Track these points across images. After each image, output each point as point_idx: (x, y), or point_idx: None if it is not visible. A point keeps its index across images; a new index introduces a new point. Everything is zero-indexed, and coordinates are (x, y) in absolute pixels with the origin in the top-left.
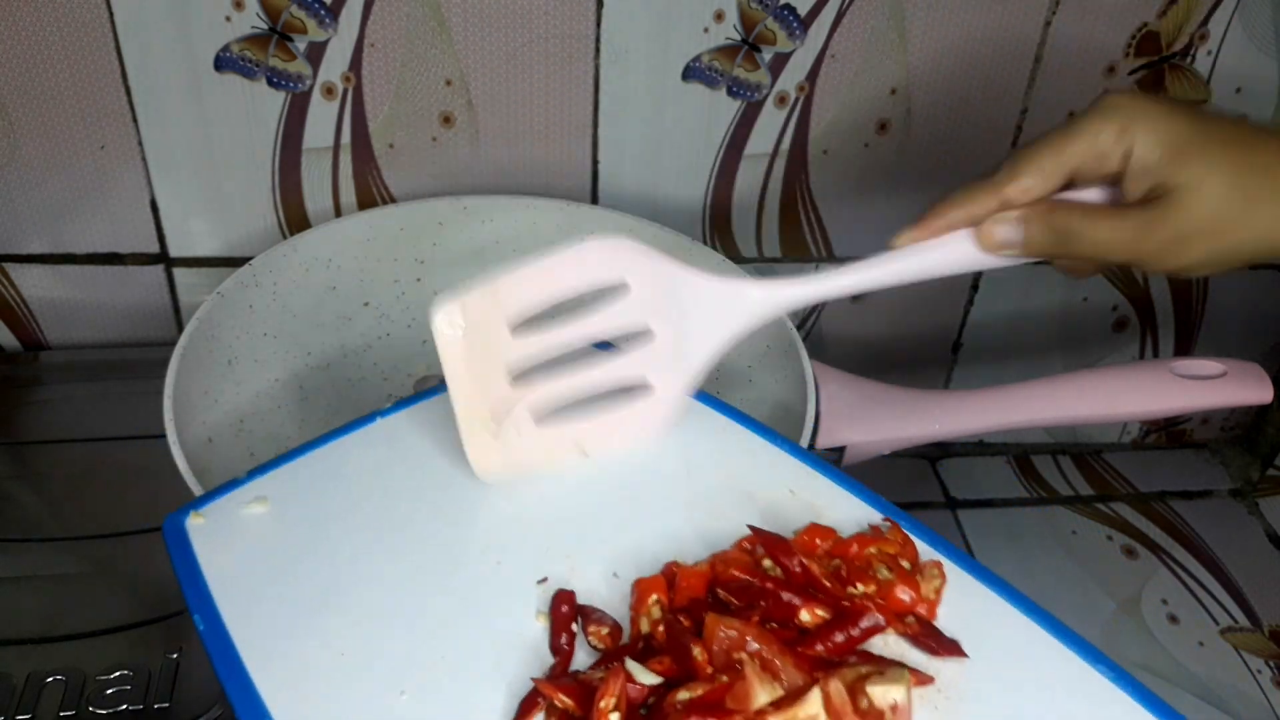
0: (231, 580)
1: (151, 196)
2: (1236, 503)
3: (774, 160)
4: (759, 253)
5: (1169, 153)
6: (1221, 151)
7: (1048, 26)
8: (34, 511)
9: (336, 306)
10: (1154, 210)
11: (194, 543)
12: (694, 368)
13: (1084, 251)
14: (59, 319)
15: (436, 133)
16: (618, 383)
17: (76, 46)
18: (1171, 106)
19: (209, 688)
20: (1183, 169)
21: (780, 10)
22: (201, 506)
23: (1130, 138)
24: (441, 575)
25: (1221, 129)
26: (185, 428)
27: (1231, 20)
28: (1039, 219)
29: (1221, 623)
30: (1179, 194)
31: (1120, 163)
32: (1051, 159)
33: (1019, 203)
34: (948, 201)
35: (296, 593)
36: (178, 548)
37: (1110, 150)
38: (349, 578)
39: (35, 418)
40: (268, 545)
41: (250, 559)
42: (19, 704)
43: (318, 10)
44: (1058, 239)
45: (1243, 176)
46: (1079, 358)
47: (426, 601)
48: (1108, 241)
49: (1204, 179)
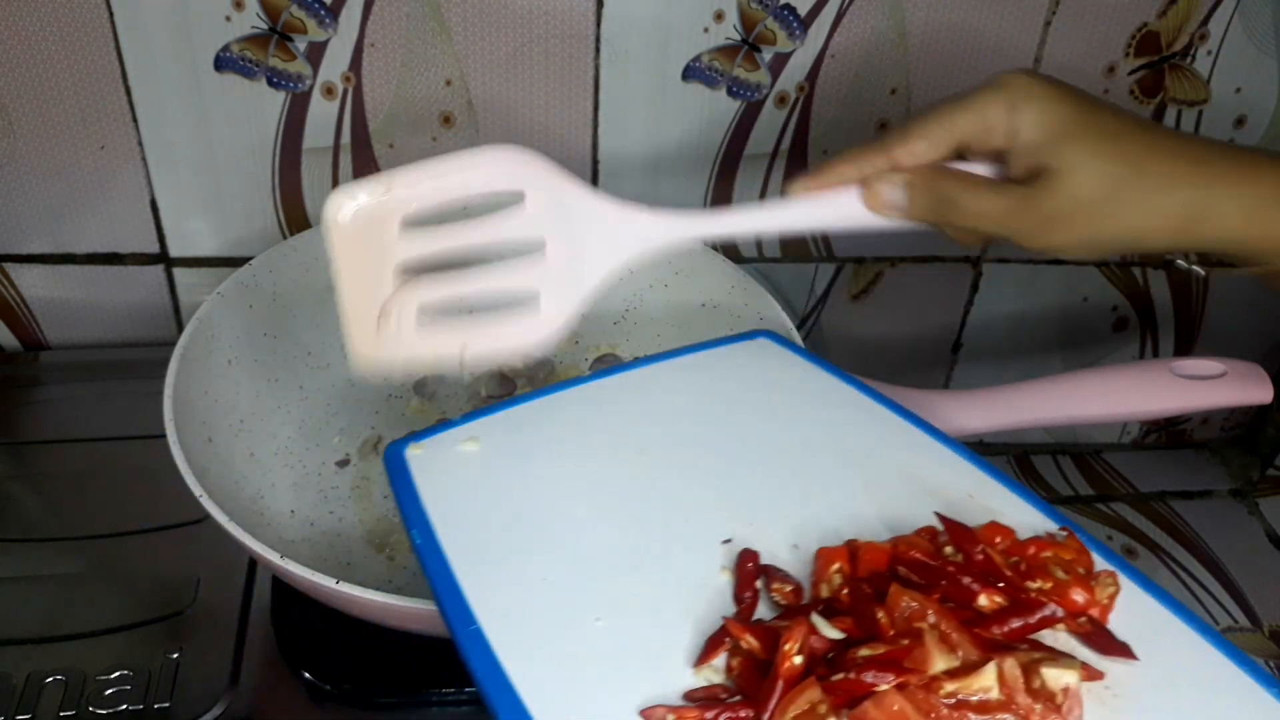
0: (444, 503)
1: (151, 196)
2: (1236, 503)
3: (774, 160)
4: (759, 253)
5: (1050, 135)
6: (1099, 140)
7: (1048, 27)
8: (34, 511)
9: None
10: (1030, 189)
11: (412, 469)
12: (584, 289)
13: (963, 221)
14: (59, 319)
15: (436, 133)
16: (505, 292)
17: (76, 46)
18: (1062, 91)
19: (209, 688)
20: (1061, 153)
21: (780, 10)
22: (421, 439)
23: (1017, 116)
24: (634, 524)
25: (1105, 118)
26: (185, 427)
27: (1231, 20)
28: (922, 185)
29: (1221, 623)
30: (1055, 176)
31: (1006, 139)
32: (941, 127)
33: (906, 166)
34: (841, 157)
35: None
36: (397, 472)
37: (996, 125)
38: (549, 514)
39: (35, 418)
40: (477, 478)
41: (462, 488)
42: (19, 704)
43: (318, 10)
44: (938, 206)
45: (1116, 166)
46: (1079, 358)
47: (620, 544)
48: (985, 213)
49: (1079, 165)
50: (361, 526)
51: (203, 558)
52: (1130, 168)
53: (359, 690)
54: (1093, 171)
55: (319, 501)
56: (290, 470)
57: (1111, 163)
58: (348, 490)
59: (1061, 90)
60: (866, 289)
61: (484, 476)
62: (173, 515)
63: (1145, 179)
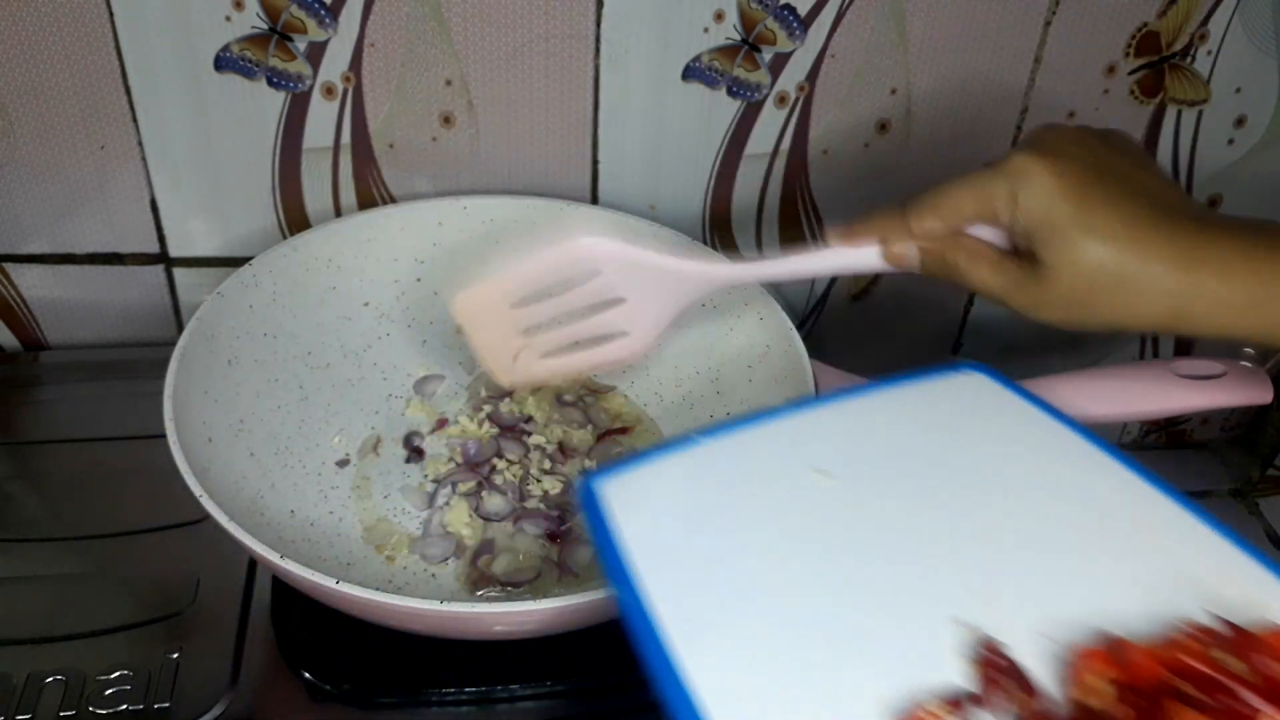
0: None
1: (151, 196)
2: (1236, 503)
3: (774, 160)
4: (759, 252)
5: (1044, 227)
6: (1089, 238)
7: (1047, 26)
8: (34, 511)
9: (336, 306)
10: (1024, 273)
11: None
12: (660, 325)
13: (967, 287)
14: (59, 319)
15: (436, 133)
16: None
17: (76, 46)
18: (1064, 175)
19: (209, 688)
20: (1052, 248)
21: (780, 10)
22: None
23: (1015, 206)
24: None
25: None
26: (185, 428)
27: (1231, 20)
28: (934, 251)
29: None
30: (1046, 268)
31: (1007, 222)
32: (949, 207)
33: (920, 237)
34: (870, 222)
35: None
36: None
37: (999, 209)
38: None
39: (35, 418)
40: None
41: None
42: (19, 704)
43: (318, 10)
44: (947, 270)
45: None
46: (1079, 358)
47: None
48: (983, 286)
49: (1066, 263)
50: (361, 526)
51: (203, 558)
52: (1118, 265)
53: (359, 690)
54: (1080, 271)
55: (319, 501)
56: (290, 470)
57: (1099, 261)
58: (348, 490)
59: (1064, 175)
60: (866, 289)
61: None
62: (173, 515)
63: (1133, 278)
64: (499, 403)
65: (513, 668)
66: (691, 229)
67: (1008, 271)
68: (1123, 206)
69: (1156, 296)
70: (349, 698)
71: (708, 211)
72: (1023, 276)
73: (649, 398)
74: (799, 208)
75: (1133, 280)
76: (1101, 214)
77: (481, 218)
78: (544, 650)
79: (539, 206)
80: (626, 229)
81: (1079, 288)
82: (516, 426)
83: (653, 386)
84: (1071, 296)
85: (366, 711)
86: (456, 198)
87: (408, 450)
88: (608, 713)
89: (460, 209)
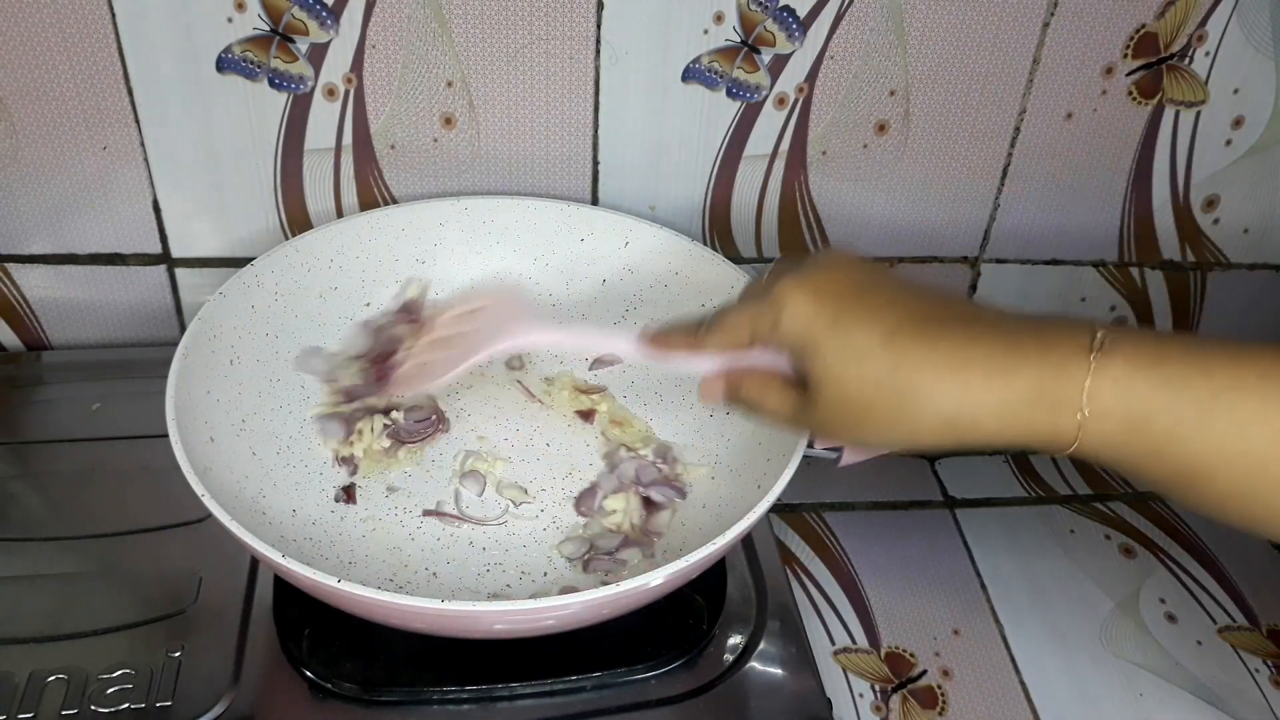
0: None
1: (154, 197)
2: None
3: (773, 161)
4: (758, 253)
5: (805, 354)
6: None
7: (1046, 28)
8: (36, 511)
9: (338, 307)
10: (803, 397)
11: None
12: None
13: (761, 417)
14: (61, 319)
15: (437, 134)
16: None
17: (79, 47)
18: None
19: (211, 686)
20: (813, 371)
21: (779, 12)
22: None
23: (778, 331)
24: None
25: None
26: (187, 427)
27: (1229, 21)
28: (731, 390)
29: (1219, 622)
30: (814, 388)
31: (776, 348)
32: (733, 329)
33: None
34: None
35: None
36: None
37: (769, 335)
38: None
39: (37, 417)
40: None
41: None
42: (21, 703)
43: (319, 12)
44: (747, 407)
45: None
46: None
47: None
48: (771, 413)
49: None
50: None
51: (205, 557)
52: (881, 377)
53: (360, 689)
54: (845, 390)
55: (321, 500)
56: (292, 469)
57: (861, 376)
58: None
59: (820, 296)
60: None
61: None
62: (175, 514)
63: (899, 390)
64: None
65: (513, 667)
66: (691, 229)
67: (790, 399)
68: (883, 319)
69: (926, 406)
70: (350, 696)
71: (707, 212)
72: (804, 402)
73: (650, 398)
74: (798, 209)
75: (900, 392)
76: (861, 331)
77: (482, 218)
78: (544, 649)
79: (539, 207)
80: (626, 229)
81: (849, 407)
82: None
83: (653, 387)
84: (844, 416)
85: (368, 710)
86: (457, 198)
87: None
88: (608, 710)
89: (461, 209)
